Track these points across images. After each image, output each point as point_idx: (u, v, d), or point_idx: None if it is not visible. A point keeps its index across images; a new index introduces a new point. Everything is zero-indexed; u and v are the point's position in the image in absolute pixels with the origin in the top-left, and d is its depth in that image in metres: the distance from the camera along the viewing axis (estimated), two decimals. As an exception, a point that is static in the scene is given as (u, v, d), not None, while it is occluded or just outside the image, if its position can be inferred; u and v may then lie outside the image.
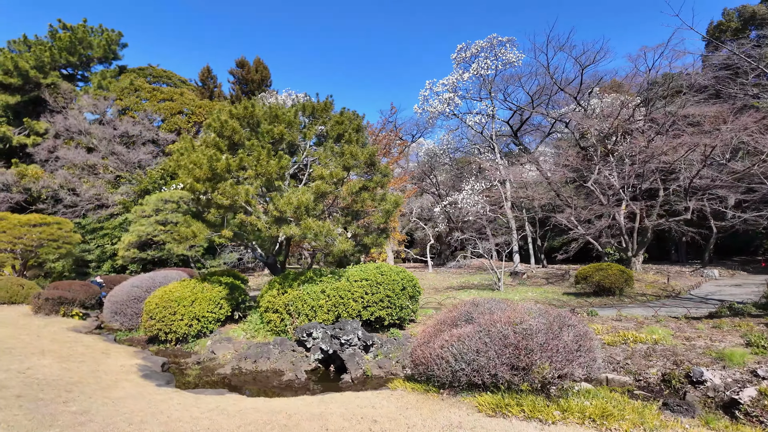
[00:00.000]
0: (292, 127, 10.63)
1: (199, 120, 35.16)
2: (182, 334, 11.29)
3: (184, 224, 11.14)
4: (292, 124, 10.69)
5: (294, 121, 10.82)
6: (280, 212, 9.60)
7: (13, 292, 18.47)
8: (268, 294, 11.20)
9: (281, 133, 10.27)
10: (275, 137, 10.58)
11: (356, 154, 10.22)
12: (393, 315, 10.07)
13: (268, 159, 9.27)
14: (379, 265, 11.09)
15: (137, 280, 14.04)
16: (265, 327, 11.00)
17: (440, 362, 5.69)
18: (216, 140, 10.20)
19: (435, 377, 5.87)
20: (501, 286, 18.35)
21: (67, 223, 24.85)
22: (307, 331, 9.43)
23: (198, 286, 11.96)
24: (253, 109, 10.78)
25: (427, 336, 6.28)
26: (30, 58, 31.47)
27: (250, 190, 9.22)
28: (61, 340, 10.78)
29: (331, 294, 10.03)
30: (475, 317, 6.18)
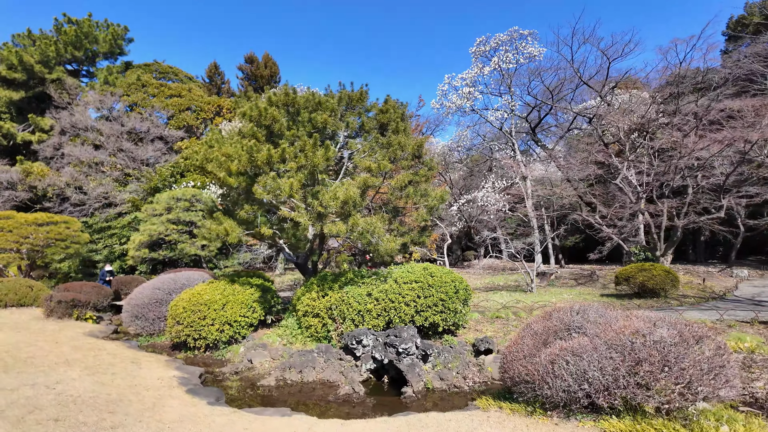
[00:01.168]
0: (335, 115, 9.79)
1: (208, 117, 34.30)
2: (213, 340, 10.44)
3: (215, 221, 10.29)
4: (336, 112, 9.84)
5: (337, 109, 9.97)
6: (324, 207, 8.76)
7: (21, 294, 17.61)
8: (306, 297, 10.36)
9: (324, 122, 9.43)
10: (317, 126, 9.75)
11: (404, 145, 9.39)
12: (448, 320, 9.24)
13: (313, 149, 8.44)
14: (426, 265, 10.26)
15: (158, 282, 13.17)
16: (304, 332, 10.15)
17: (553, 380, 4.86)
18: (253, 130, 9.35)
19: (541, 396, 5.04)
20: (534, 288, 17.53)
21: (74, 222, 24.02)
22: (357, 338, 8.59)
23: (228, 289, 11.12)
24: (294, 96, 9.93)
25: (526, 348, 5.44)
26: (35, 53, 30.58)
27: (294, 183, 8.37)
28: (82, 347, 9.92)
29: (379, 297, 9.19)
30: (583, 326, 5.34)
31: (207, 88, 38.78)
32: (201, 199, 24.01)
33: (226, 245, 26.15)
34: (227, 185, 10.45)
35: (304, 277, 13.23)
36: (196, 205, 23.76)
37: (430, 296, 9.07)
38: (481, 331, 10.14)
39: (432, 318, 9.01)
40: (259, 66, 37.80)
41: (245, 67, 38.62)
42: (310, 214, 9.03)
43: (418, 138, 9.92)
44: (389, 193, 9.60)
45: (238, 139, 9.66)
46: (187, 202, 23.48)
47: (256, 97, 10.52)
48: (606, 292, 17.97)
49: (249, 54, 37.81)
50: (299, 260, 12.97)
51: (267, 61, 38.13)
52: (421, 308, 8.94)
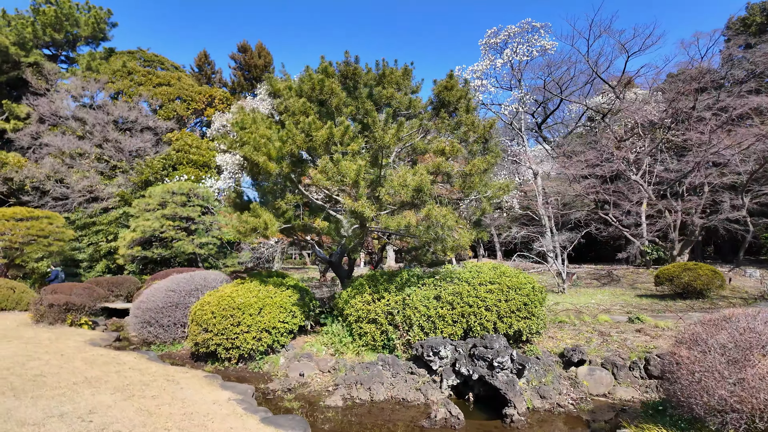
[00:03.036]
0: (401, 91, 8.53)
1: (199, 107, 32.38)
2: (248, 350, 9.03)
3: (252, 213, 8.89)
4: (401, 86, 8.57)
5: (403, 82, 8.70)
6: (391, 196, 7.51)
7: (2, 297, 15.76)
8: (355, 300, 9.07)
9: (390, 97, 8.17)
10: (378, 103, 8.49)
11: (477, 126, 8.23)
12: (532, 327, 8.11)
13: (384, 128, 7.18)
14: (494, 264, 9.12)
15: (172, 284, 11.63)
16: (357, 341, 8.86)
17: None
18: (305, 106, 8.00)
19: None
20: (565, 289, 16.63)
21: (57, 217, 22.00)
22: (434, 348, 7.37)
23: (263, 290, 9.73)
24: (356, 66, 8.61)
25: (718, 367, 4.33)
26: (9, 34, 28.11)
27: (361, 166, 7.09)
28: (96, 361, 8.39)
29: (453, 301, 7.99)
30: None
31: (196, 78, 36.72)
32: (199, 194, 22.29)
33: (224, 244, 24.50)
34: (265, 172, 9.05)
35: (338, 278, 11.92)
36: (194, 199, 22.03)
37: (512, 299, 7.92)
38: (555, 338, 9.05)
39: (516, 324, 7.86)
40: (253, 55, 35.95)
41: (238, 56, 36.67)
42: (372, 204, 7.75)
43: (490, 118, 8.78)
44: (458, 181, 8.38)
45: (286, 117, 8.27)
46: (183, 196, 21.73)
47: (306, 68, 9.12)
48: (640, 292, 17.23)
49: (242, 43, 35.96)
50: (332, 258, 11.65)
51: (261, 51, 36.31)
52: (504, 313, 7.78)
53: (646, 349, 8.17)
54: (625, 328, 9.88)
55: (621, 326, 10.12)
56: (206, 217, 21.80)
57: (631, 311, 12.88)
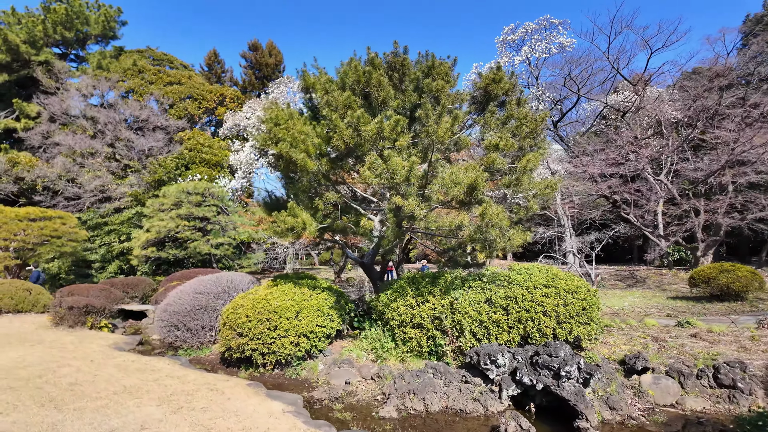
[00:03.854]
0: (449, 83, 8.10)
1: (210, 106, 32.04)
2: (285, 355, 8.62)
3: (290, 213, 8.47)
4: (449, 78, 8.14)
5: (450, 75, 8.27)
6: (444, 194, 7.10)
7: (19, 299, 15.37)
8: (397, 303, 8.66)
9: (439, 90, 7.74)
10: (426, 96, 8.06)
11: (530, 120, 7.80)
12: (591, 333, 7.68)
13: (437, 121, 6.76)
14: (545, 267, 8.70)
15: (199, 285, 11.24)
16: (401, 346, 8.44)
17: None
18: (350, 99, 7.58)
19: None
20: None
21: (70, 217, 21.68)
22: (491, 356, 6.95)
23: (299, 293, 9.33)
24: (405, 57, 8.17)
25: None
26: (20, 32, 27.80)
27: (414, 162, 6.67)
28: (128, 368, 7.99)
29: (508, 306, 7.56)
30: None
31: (206, 77, 36.37)
32: (214, 193, 21.91)
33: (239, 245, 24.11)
34: (303, 170, 8.65)
35: (371, 280, 11.51)
36: (209, 199, 21.66)
37: (570, 303, 7.49)
38: (608, 344, 8.62)
39: (577, 330, 7.43)
40: (264, 54, 35.55)
41: (249, 54, 36.27)
42: (420, 202, 7.33)
43: (543, 112, 8.35)
44: (506, 178, 7.95)
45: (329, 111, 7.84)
46: (198, 196, 21.37)
47: (350, 59, 8.68)
48: (670, 294, 16.78)
49: (253, 41, 35.55)
50: (365, 260, 11.24)
51: (271, 49, 35.92)
52: (563, 319, 7.35)
53: (709, 356, 7.74)
54: (677, 332, 9.44)
55: (672, 331, 9.69)
56: (222, 217, 21.43)
57: (671, 314, 12.44)
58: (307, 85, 10.18)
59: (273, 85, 29.97)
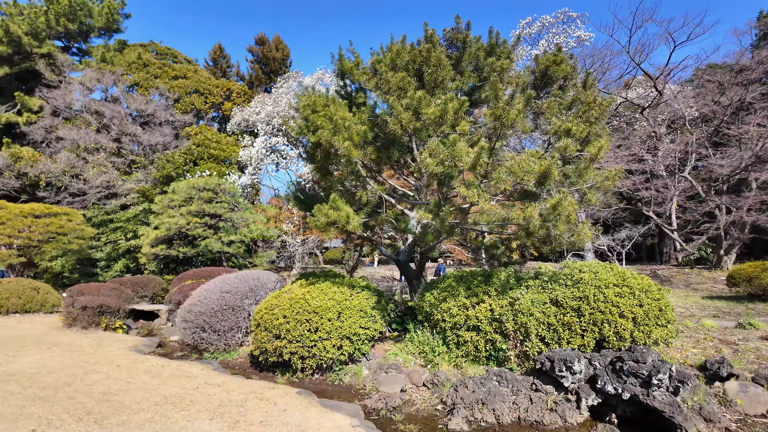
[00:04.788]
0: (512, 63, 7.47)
1: (217, 101, 31.28)
2: (327, 359, 7.98)
3: (332, 207, 7.84)
4: (512, 59, 7.51)
5: (512, 55, 7.63)
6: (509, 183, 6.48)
7: (27, 298, 14.67)
8: (448, 304, 8.03)
9: (503, 70, 7.11)
10: (485, 77, 7.44)
11: (599, 104, 7.19)
12: (668, 336, 7.07)
13: (509, 102, 6.12)
14: (609, 264, 8.09)
15: (224, 284, 10.56)
16: (454, 350, 7.81)
17: None
18: (405, 80, 6.93)
19: None
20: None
21: (76, 214, 20.94)
22: (567, 362, 6.32)
23: (338, 291, 8.69)
24: (467, 33, 7.52)
25: None
26: (22, 23, 26.97)
27: (483, 147, 6.04)
28: (161, 374, 7.33)
29: (579, 307, 6.93)
30: None
31: (211, 72, 35.58)
32: (225, 189, 21.20)
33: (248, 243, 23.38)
34: (345, 159, 8.02)
35: (407, 279, 10.87)
36: (221, 195, 20.95)
37: (646, 304, 6.88)
38: (676, 347, 8.01)
39: (656, 333, 6.82)
40: (271, 48, 34.80)
41: (255, 48, 35.50)
42: (483, 192, 6.69)
43: (609, 96, 7.73)
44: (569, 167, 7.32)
45: (380, 94, 7.19)
46: (210, 192, 20.66)
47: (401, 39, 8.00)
48: (703, 293, 16.20)
49: (259, 35, 34.79)
50: (400, 258, 10.60)
51: (278, 44, 35.18)
52: (641, 321, 6.73)
53: (793, 361, 7.15)
54: (742, 334, 8.85)
55: (735, 333, 9.10)
56: (234, 214, 20.73)
57: (717, 315, 11.89)
58: (343, 70, 9.55)
59: (281, 80, 29.27)
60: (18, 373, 6.83)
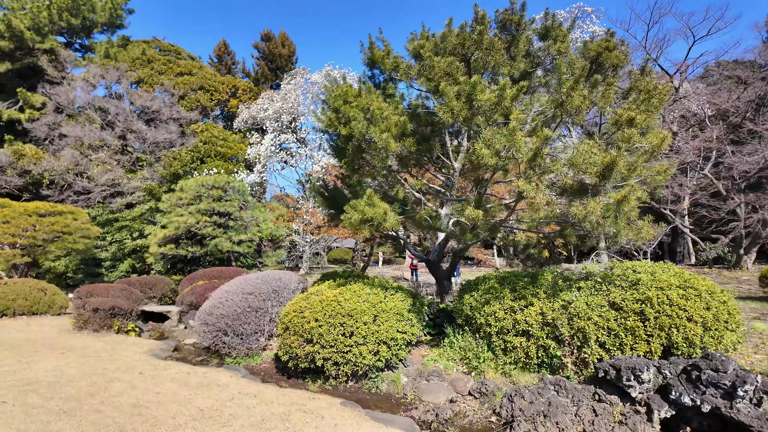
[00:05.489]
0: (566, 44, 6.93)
1: (222, 98, 30.72)
2: (364, 366, 7.46)
3: (367, 203, 7.32)
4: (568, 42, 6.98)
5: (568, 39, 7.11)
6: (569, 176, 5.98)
7: (34, 300, 14.10)
8: (493, 307, 7.52)
9: (561, 53, 6.61)
10: (537, 61, 6.95)
11: (659, 92, 6.70)
12: (737, 341, 6.57)
13: (574, 86, 5.61)
14: (659, 264, 7.59)
15: (246, 285, 10.03)
16: (501, 357, 7.30)
17: None
18: (452, 66, 6.41)
19: None
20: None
21: (81, 212, 20.34)
22: (635, 370, 5.81)
23: (372, 293, 8.16)
24: (522, 15, 7.01)
25: None
26: (25, 18, 26.37)
27: (548, 135, 5.53)
28: (189, 382, 6.80)
29: (643, 310, 6.42)
30: None
31: (216, 69, 35.00)
32: (235, 187, 20.67)
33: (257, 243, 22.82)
34: (381, 153, 7.51)
35: (436, 280, 10.36)
36: (230, 194, 20.42)
37: (713, 307, 6.37)
38: (737, 353, 7.50)
39: (728, 338, 6.32)
40: (277, 44, 34.23)
41: (261, 45, 34.92)
42: (540, 186, 6.19)
43: (666, 83, 7.26)
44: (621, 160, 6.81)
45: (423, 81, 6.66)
46: (219, 190, 20.12)
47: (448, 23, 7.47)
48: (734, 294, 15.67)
49: (265, 31, 34.15)
50: (431, 257, 10.09)
51: (284, 40, 34.60)
52: (711, 325, 6.23)
53: None
54: (800, 339, 8.36)
55: (791, 337, 8.60)
56: (244, 213, 20.20)
57: (759, 317, 11.42)
58: (374, 59, 9.05)
59: (288, 77, 28.76)
60: (35, 382, 6.30)
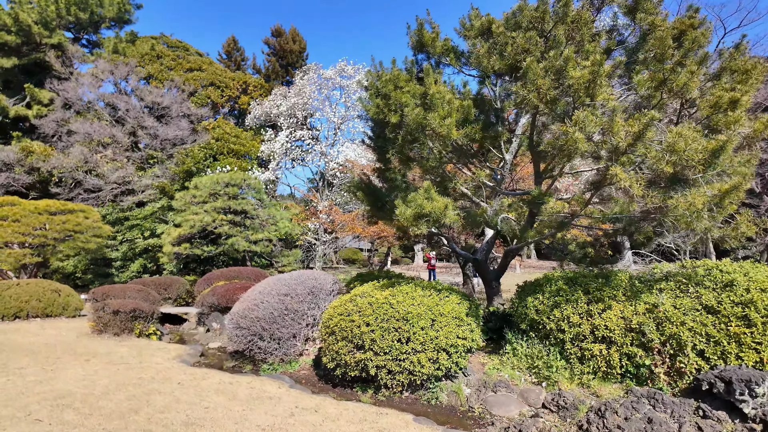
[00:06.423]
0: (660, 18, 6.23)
1: (233, 95, 30.05)
2: (423, 375, 6.78)
3: (425, 196, 6.66)
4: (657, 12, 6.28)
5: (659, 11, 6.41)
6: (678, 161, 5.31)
7: (47, 301, 13.45)
8: (566, 310, 6.86)
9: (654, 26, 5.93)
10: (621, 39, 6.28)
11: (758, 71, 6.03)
12: None
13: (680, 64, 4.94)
14: (747, 263, 6.90)
15: (282, 286, 9.35)
16: (578, 366, 6.62)
17: None
18: (531, 40, 5.74)
19: None
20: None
21: (92, 211, 19.71)
22: (749, 383, 5.13)
23: (426, 295, 7.49)
24: None
25: None
26: (32, 12, 25.74)
27: (654, 117, 4.87)
28: (237, 395, 6.12)
29: (748, 315, 5.73)
30: None
31: (225, 65, 34.35)
32: (251, 185, 20.01)
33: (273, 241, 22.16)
34: (444, 140, 6.85)
35: (483, 281, 9.68)
36: (247, 191, 19.77)
37: (822, 310, 5.69)
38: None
39: None
40: (287, 40, 33.54)
41: (272, 40, 34.21)
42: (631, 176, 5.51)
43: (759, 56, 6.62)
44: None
45: (496, 61, 6.00)
46: (235, 187, 19.45)
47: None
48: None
49: (276, 26, 33.49)
50: (478, 257, 9.41)
51: (294, 36, 33.93)
52: (824, 330, 5.56)
53: None
54: None
55: None
56: (261, 211, 19.53)
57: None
58: (423, 41, 8.41)
59: (300, 73, 28.11)
60: (67, 395, 5.63)
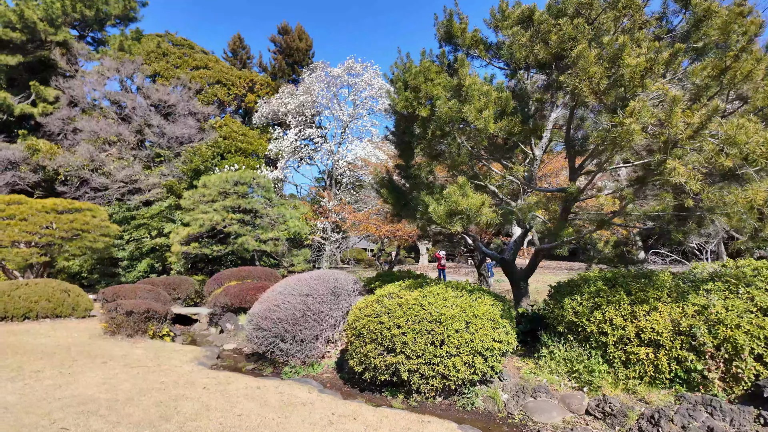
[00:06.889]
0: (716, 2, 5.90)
1: (239, 93, 29.77)
2: (458, 379, 6.48)
3: (460, 193, 6.36)
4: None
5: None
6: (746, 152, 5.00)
7: (57, 302, 13.16)
8: (606, 312, 6.54)
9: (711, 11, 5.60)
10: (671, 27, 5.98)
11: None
12: None
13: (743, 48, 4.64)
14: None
15: (303, 286, 9.04)
16: (622, 371, 6.31)
17: None
18: (579, 27, 5.44)
19: None
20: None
21: (99, 209, 19.42)
22: (817, 389, 4.82)
23: (459, 296, 7.19)
24: None
25: None
26: (37, 9, 25.46)
27: (717, 108, 4.58)
28: (268, 401, 5.83)
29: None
30: None
31: (231, 63, 34.07)
32: (260, 183, 19.72)
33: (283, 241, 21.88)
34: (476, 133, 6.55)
35: (510, 281, 9.38)
36: (257, 190, 19.48)
37: None
38: None
39: None
40: (294, 38, 33.22)
41: (278, 38, 33.89)
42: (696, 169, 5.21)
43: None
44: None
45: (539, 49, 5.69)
46: (245, 186, 19.16)
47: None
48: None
49: (282, 24, 33.19)
50: (505, 256, 9.11)
51: (301, 34, 33.61)
52: None
53: None
54: None
55: None
56: (271, 210, 19.24)
57: None
58: (452, 33, 8.13)
59: (307, 71, 27.84)
60: (90, 400, 5.33)
